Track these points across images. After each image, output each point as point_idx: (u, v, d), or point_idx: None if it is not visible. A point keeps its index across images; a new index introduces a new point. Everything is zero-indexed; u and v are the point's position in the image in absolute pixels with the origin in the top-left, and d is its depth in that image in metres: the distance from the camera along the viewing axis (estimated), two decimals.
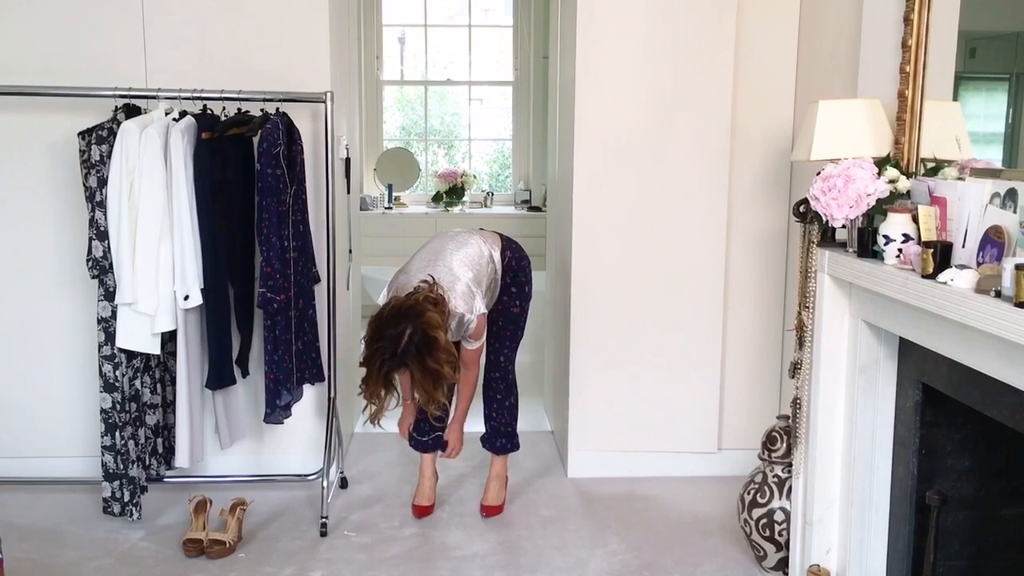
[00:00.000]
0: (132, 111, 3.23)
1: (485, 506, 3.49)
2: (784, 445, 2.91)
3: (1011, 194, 2.01)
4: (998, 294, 1.85)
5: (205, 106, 3.28)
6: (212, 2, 3.44)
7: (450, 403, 3.30)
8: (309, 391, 3.57)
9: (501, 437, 3.53)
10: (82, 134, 3.18)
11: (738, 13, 3.57)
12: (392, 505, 3.52)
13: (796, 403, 2.78)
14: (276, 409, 3.30)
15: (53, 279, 3.53)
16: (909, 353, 2.41)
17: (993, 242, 1.99)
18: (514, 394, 3.51)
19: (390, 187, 6.93)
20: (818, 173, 2.50)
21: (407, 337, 2.85)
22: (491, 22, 7.13)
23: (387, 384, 2.93)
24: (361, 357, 2.96)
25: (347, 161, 3.83)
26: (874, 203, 2.39)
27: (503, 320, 3.39)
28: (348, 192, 3.94)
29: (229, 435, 3.43)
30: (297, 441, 3.65)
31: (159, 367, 3.33)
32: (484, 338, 3.22)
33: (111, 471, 3.18)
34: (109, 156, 3.10)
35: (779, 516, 2.91)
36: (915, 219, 2.28)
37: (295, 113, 3.38)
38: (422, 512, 3.44)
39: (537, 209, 6.73)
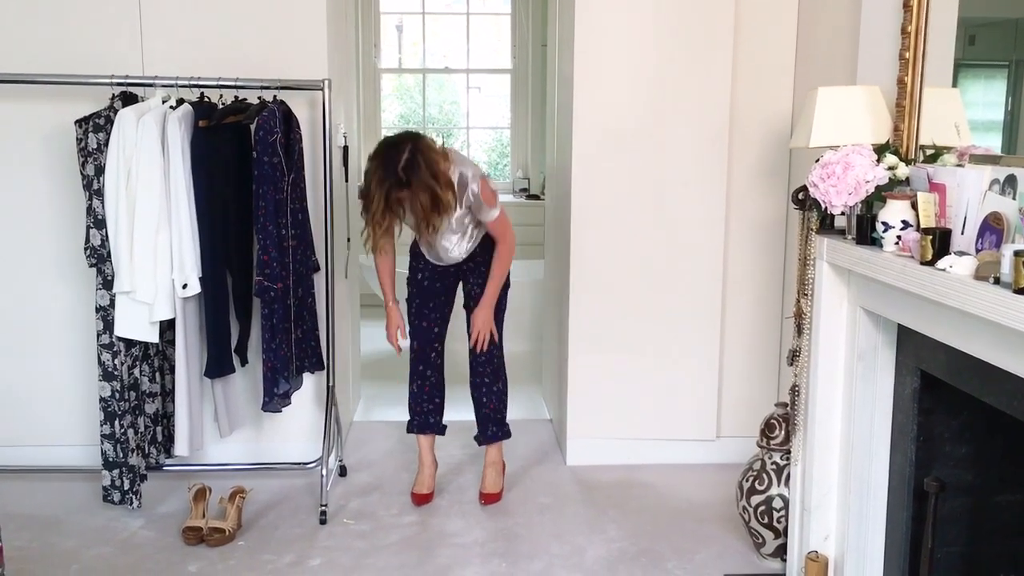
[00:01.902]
0: (129, 99, 3.22)
1: (484, 494, 3.49)
2: (782, 432, 2.92)
3: (1010, 180, 2.01)
4: (997, 280, 1.85)
5: (202, 94, 3.27)
6: None
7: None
8: (308, 379, 3.57)
9: (492, 424, 3.51)
10: (79, 122, 3.17)
11: (736, 0, 3.56)
12: (391, 493, 3.53)
13: (794, 390, 2.78)
14: (274, 397, 3.30)
15: (51, 268, 3.52)
16: (907, 340, 2.41)
17: (992, 229, 1.99)
18: (502, 379, 3.48)
19: None
20: (817, 160, 2.50)
21: (407, 153, 2.99)
22: (489, 10, 7.10)
23: (388, 207, 3.01)
24: (360, 187, 3.07)
25: (345, 149, 3.82)
26: (873, 190, 2.39)
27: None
28: (346, 180, 3.93)
29: (228, 423, 3.43)
30: (296, 429, 3.65)
31: (158, 356, 3.33)
32: (499, 205, 3.28)
33: (111, 459, 3.19)
34: (106, 144, 3.09)
35: (777, 503, 2.92)
36: (914, 206, 2.27)
37: (293, 101, 3.37)
38: (421, 500, 3.45)
39: (536, 197, 6.72)
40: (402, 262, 3.48)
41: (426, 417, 3.51)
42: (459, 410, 3.88)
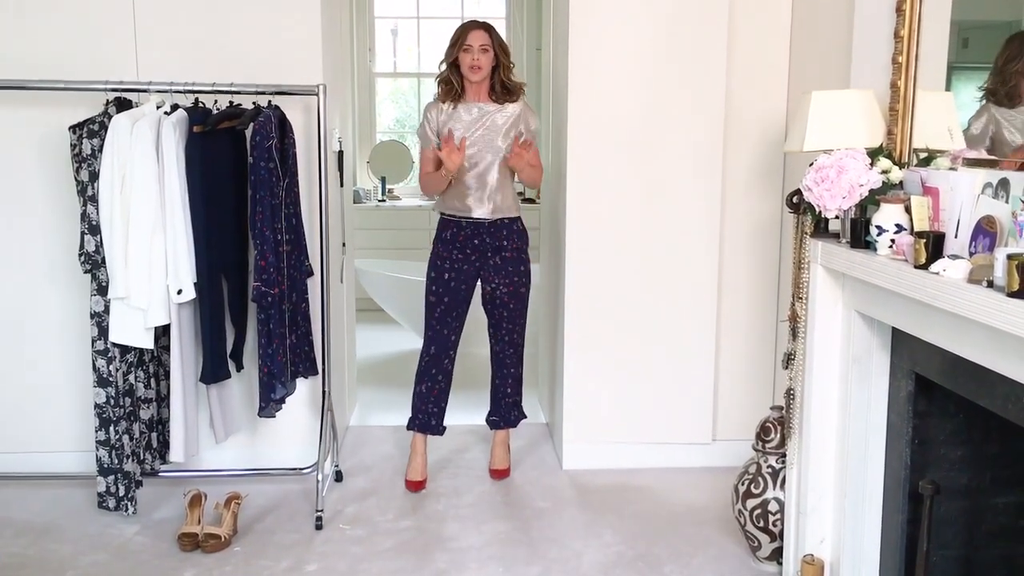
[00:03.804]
0: (123, 104, 3.22)
1: (495, 470, 3.70)
2: (778, 436, 2.92)
3: (1003, 184, 2.01)
4: (990, 284, 1.85)
5: (197, 99, 3.27)
6: None
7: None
8: (303, 384, 3.57)
9: (513, 409, 3.74)
10: (73, 128, 3.17)
11: (731, 3, 3.57)
12: (387, 498, 3.52)
13: (790, 394, 2.78)
14: (270, 403, 3.30)
15: (45, 274, 3.52)
16: (902, 343, 2.42)
17: (985, 232, 2.00)
18: (521, 365, 3.72)
19: (383, 180, 6.92)
20: (811, 164, 2.50)
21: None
22: (484, 14, 7.10)
23: (463, 39, 3.45)
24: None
25: (340, 154, 3.82)
26: (867, 194, 2.40)
27: (514, 303, 3.57)
28: (341, 185, 3.93)
29: (224, 429, 3.43)
30: (292, 434, 3.65)
31: (153, 362, 3.32)
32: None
33: (106, 466, 3.18)
34: (100, 150, 3.09)
35: (773, 506, 2.92)
36: (908, 209, 2.28)
37: (287, 106, 3.36)
38: (416, 487, 3.56)
39: (531, 201, 6.71)
40: (417, 269, 3.55)
41: (428, 418, 3.63)
42: (455, 415, 3.88)
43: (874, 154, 2.47)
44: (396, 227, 6.60)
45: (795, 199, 2.65)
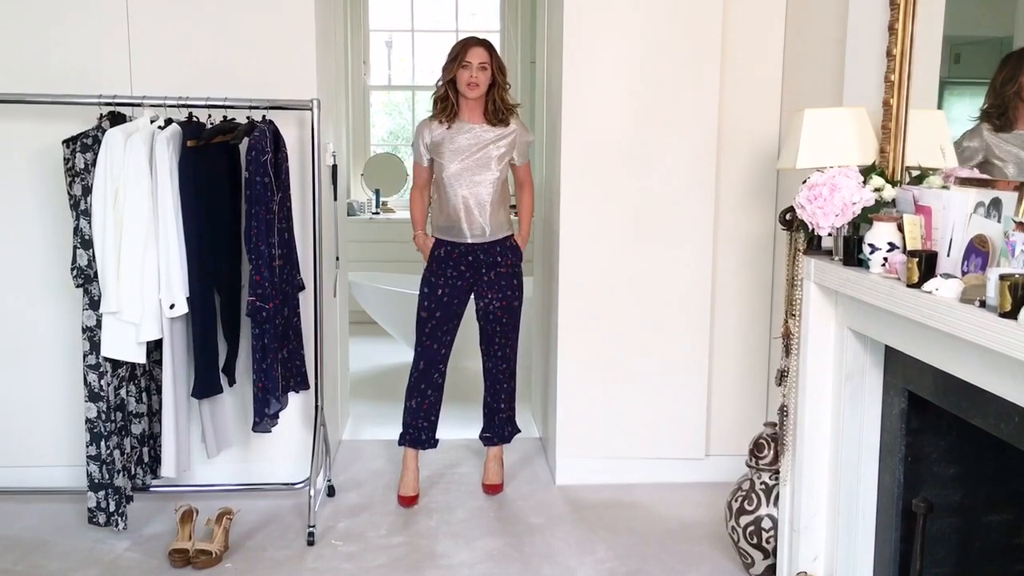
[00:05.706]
0: (117, 118, 3.21)
1: (488, 485, 3.70)
2: (771, 452, 2.92)
3: (995, 203, 2.02)
4: (983, 304, 1.86)
5: (191, 114, 3.27)
6: (198, 9, 3.43)
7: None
8: (295, 399, 3.56)
9: (507, 425, 3.74)
10: (66, 142, 3.16)
11: (724, 20, 3.58)
12: (380, 513, 3.51)
13: (783, 410, 2.78)
14: (265, 418, 3.28)
15: (37, 288, 3.50)
16: (895, 361, 2.42)
17: (978, 251, 2.00)
18: (514, 379, 3.73)
19: (377, 192, 6.91)
20: (804, 181, 2.51)
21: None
22: (478, 27, 7.13)
23: (462, 55, 3.42)
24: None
25: (334, 168, 3.82)
26: (859, 212, 2.40)
27: (507, 317, 3.58)
28: (335, 199, 3.93)
29: (215, 444, 3.41)
30: (284, 449, 3.63)
31: (145, 376, 3.31)
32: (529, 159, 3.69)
33: (96, 481, 3.16)
34: (94, 164, 3.08)
35: (766, 523, 2.91)
36: (900, 228, 2.29)
37: (281, 120, 3.36)
38: (409, 502, 3.55)
39: None
40: (410, 282, 3.55)
41: (419, 433, 3.63)
42: (447, 430, 3.87)
43: (867, 172, 2.47)
44: (390, 240, 6.59)
45: (788, 216, 2.66)
